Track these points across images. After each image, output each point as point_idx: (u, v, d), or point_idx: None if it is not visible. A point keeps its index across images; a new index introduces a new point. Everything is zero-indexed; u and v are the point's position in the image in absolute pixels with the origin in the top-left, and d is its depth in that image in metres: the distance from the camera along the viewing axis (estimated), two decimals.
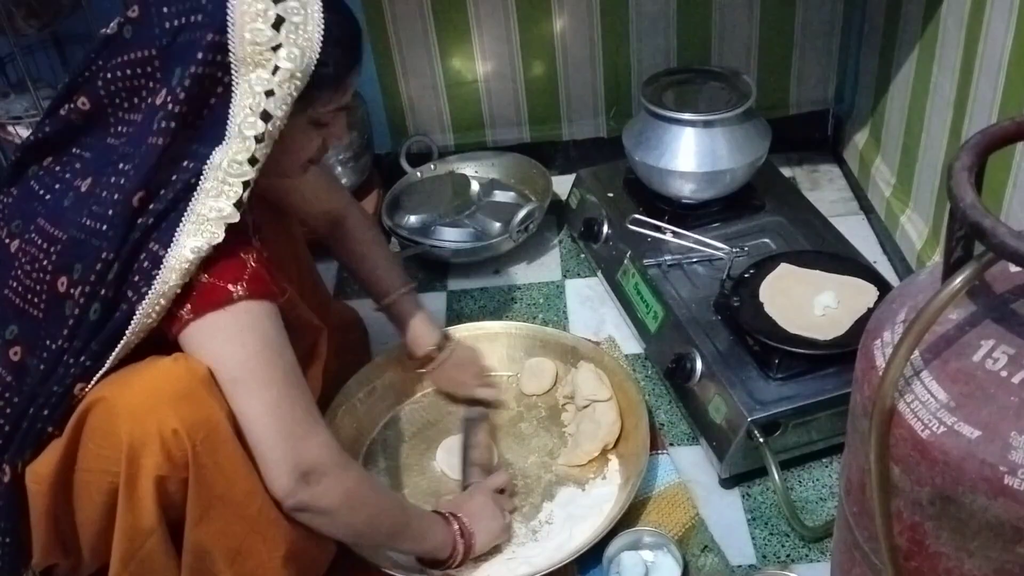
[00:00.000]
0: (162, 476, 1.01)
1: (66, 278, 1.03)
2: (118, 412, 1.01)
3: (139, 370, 1.04)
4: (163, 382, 1.02)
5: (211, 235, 1.01)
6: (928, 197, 1.63)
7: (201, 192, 1.01)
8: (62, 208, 1.04)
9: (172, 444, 1.00)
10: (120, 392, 1.02)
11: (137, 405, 1.01)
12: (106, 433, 1.02)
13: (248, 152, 1.01)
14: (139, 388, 1.02)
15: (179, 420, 1.00)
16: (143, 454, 1.00)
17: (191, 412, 1.01)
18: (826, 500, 1.35)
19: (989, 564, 0.76)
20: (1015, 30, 1.27)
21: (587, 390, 1.47)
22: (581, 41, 1.97)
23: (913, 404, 0.76)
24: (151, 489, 1.02)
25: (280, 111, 1.01)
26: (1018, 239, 0.67)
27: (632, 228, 1.68)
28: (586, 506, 1.35)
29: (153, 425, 1.00)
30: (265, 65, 0.98)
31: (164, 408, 1.00)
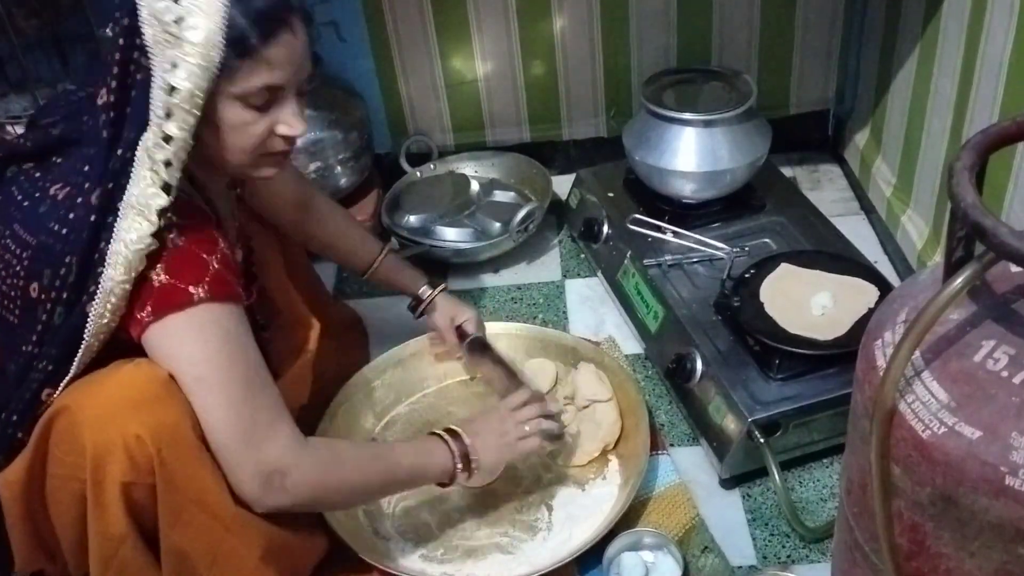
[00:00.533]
0: (128, 482, 1.01)
1: (37, 284, 1.03)
2: (81, 420, 1.01)
3: (101, 377, 1.04)
4: (124, 388, 1.02)
5: (147, 224, 0.99)
6: (929, 197, 1.63)
7: (132, 182, 0.99)
8: (37, 214, 1.04)
9: (136, 450, 1.00)
10: (82, 400, 1.02)
11: (99, 412, 1.00)
12: (70, 441, 1.02)
13: (161, 131, 0.98)
14: (101, 395, 1.02)
15: (141, 426, 1.00)
16: (107, 461, 1.00)
17: (153, 417, 1.01)
18: (827, 500, 1.35)
19: (990, 564, 0.76)
20: (1016, 30, 1.27)
21: (587, 391, 1.47)
22: (581, 41, 1.97)
23: (914, 404, 0.76)
24: (118, 496, 1.02)
25: (187, 82, 0.96)
26: (1019, 239, 0.67)
27: (632, 228, 1.68)
28: (586, 506, 1.35)
29: (116, 432, 1.00)
30: (171, 41, 0.96)
31: (126, 414, 1.00)
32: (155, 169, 0.99)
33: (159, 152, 0.98)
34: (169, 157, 0.99)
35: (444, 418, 1.53)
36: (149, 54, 0.97)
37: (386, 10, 1.92)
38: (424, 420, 1.53)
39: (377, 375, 1.55)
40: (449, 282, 1.85)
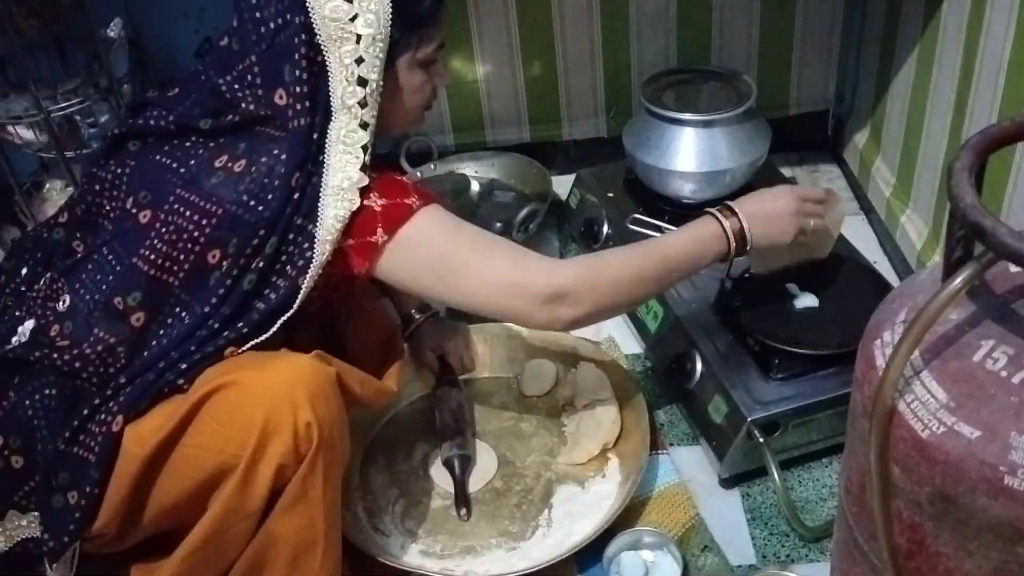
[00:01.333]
0: (283, 465, 1.05)
1: (219, 251, 1.08)
2: (255, 395, 1.04)
3: (273, 360, 1.08)
4: (300, 375, 1.06)
5: (349, 203, 1.08)
6: (928, 197, 1.63)
7: (329, 167, 1.09)
8: (210, 184, 1.08)
9: (303, 437, 1.04)
10: (256, 377, 1.05)
11: (276, 392, 1.04)
12: (233, 413, 1.05)
13: (357, 119, 1.09)
14: (276, 377, 1.05)
15: (313, 414, 1.04)
16: (273, 441, 1.03)
17: (324, 410, 1.05)
18: (826, 500, 1.35)
19: (989, 564, 0.76)
20: (1015, 30, 1.27)
21: (587, 390, 1.47)
22: (581, 41, 1.97)
23: (913, 404, 0.76)
24: (270, 474, 1.05)
25: (374, 74, 1.08)
26: (1018, 239, 0.67)
27: (632, 228, 1.68)
28: (585, 503, 1.35)
29: (291, 414, 1.03)
30: (348, 37, 1.06)
31: (302, 400, 1.04)
32: (354, 153, 1.10)
33: (356, 137, 1.10)
34: (367, 141, 1.10)
35: None
36: (324, 51, 1.07)
37: None
38: (425, 420, 1.53)
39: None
40: None
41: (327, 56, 1.06)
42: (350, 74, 1.07)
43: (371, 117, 1.10)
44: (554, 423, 1.50)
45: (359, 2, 1.05)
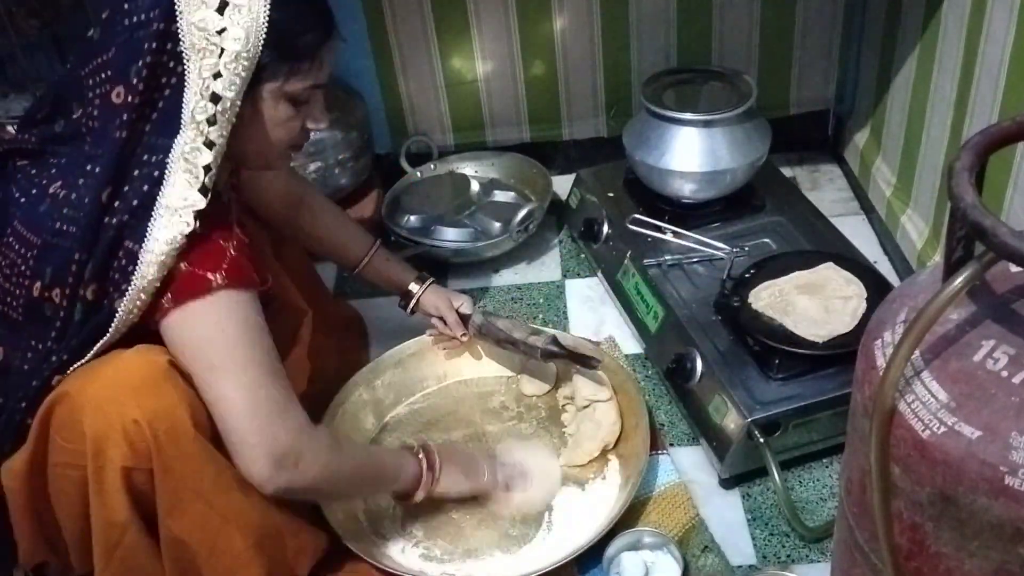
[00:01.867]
0: (128, 467, 1.02)
1: (40, 283, 1.04)
2: (81, 405, 1.02)
3: (101, 363, 1.05)
4: (123, 373, 1.03)
5: (183, 225, 1.01)
6: (929, 197, 1.63)
7: (167, 184, 1.01)
8: (38, 213, 1.05)
9: (134, 435, 1.01)
10: (82, 385, 1.03)
11: (98, 397, 1.02)
12: (71, 427, 1.03)
13: (203, 136, 1.01)
14: (100, 380, 1.03)
15: (140, 410, 1.01)
16: (107, 446, 1.01)
17: (152, 402, 1.02)
18: (826, 500, 1.35)
19: (989, 564, 0.76)
20: (1016, 30, 1.27)
21: (587, 391, 1.47)
22: (581, 41, 1.97)
23: (913, 404, 0.76)
24: (119, 481, 1.03)
25: (231, 92, 1.01)
26: (1019, 239, 0.67)
27: (632, 228, 1.68)
28: (586, 506, 1.35)
29: (115, 416, 1.01)
30: (212, 50, 0.99)
31: (125, 399, 1.01)
32: (194, 173, 1.02)
33: (199, 156, 1.01)
34: (209, 162, 1.02)
35: (444, 418, 1.53)
36: (185, 61, 0.99)
37: (386, 10, 1.92)
38: (424, 420, 1.53)
39: (377, 375, 1.55)
40: (449, 282, 1.85)
41: (187, 65, 0.99)
42: (205, 88, 1.00)
43: (219, 137, 1.02)
44: (554, 424, 1.50)
45: (230, 15, 0.99)
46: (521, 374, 1.58)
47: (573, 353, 1.44)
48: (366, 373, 1.53)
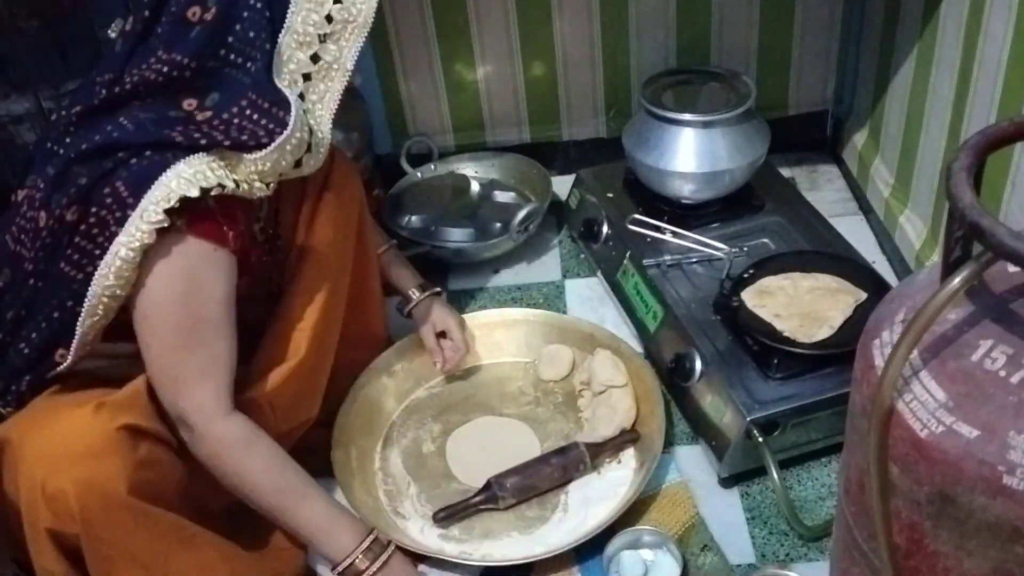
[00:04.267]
0: (53, 529, 1.02)
1: (45, 212, 1.06)
2: (18, 460, 1.02)
3: (54, 414, 1.05)
4: (67, 437, 1.02)
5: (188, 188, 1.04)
6: (927, 197, 1.63)
7: None
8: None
9: (59, 503, 1.00)
10: (25, 439, 1.03)
11: (32, 459, 1.01)
12: (10, 475, 1.03)
13: None
14: (43, 438, 1.02)
15: (70, 480, 1.00)
16: (35, 507, 1.01)
17: (87, 472, 1.01)
18: (825, 499, 1.35)
19: (987, 563, 0.76)
20: (1014, 31, 1.27)
21: (603, 376, 1.49)
22: (581, 42, 1.97)
23: (912, 404, 0.76)
24: (47, 539, 1.02)
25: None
26: (1016, 239, 0.67)
27: (632, 228, 1.68)
28: (601, 489, 1.37)
29: (43, 481, 1.00)
30: None
31: (59, 465, 1.00)
32: None
33: None
34: None
35: (462, 402, 1.56)
36: None
37: (386, 11, 1.92)
38: (443, 404, 1.55)
39: (397, 360, 1.57)
40: (450, 282, 1.85)
41: None
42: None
43: None
44: (571, 409, 1.52)
45: None
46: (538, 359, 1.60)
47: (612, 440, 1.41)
48: (387, 358, 1.55)
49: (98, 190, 1.03)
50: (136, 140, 1.04)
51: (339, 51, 1.12)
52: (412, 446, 1.49)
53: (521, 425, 1.50)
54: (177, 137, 1.05)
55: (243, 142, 1.07)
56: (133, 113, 1.07)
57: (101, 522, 1.02)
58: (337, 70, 1.13)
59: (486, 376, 1.61)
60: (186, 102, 1.08)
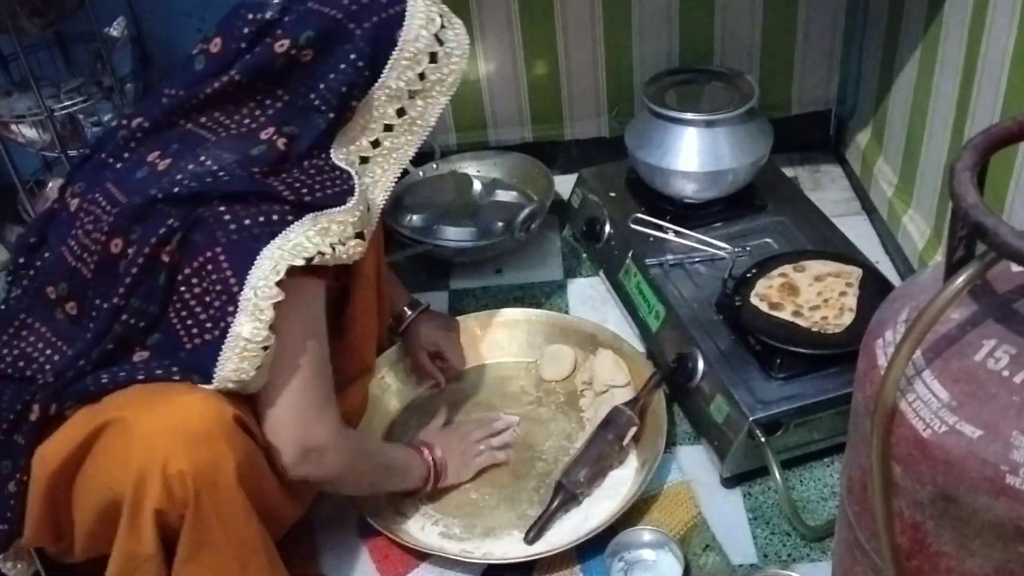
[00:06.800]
0: (161, 510, 1.02)
1: (121, 240, 1.06)
2: (133, 438, 1.01)
3: (166, 396, 1.05)
4: (184, 417, 1.03)
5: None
6: (930, 197, 1.63)
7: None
8: (134, 178, 1.07)
9: (175, 484, 1.01)
10: (140, 417, 1.02)
11: (152, 435, 1.01)
12: (117, 454, 1.02)
13: None
14: (159, 418, 1.02)
15: (188, 462, 1.01)
16: (148, 486, 1.01)
17: (203, 456, 1.02)
18: (827, 499, 1.35)
19: (990, 563, 0.76)
20: (1017, 30, 1.27)
21: (605, 376, 1.49)
22: (583, 41, 1.97)
23: (915, 403, 0.76)
24: (151, 519, 1.03)
25: None
26: (1020, 239, 0.67)
27: (634, 228, 1.68)
28: (603, 489, 1.37)
29: (162, 460, 1.00)
30: None
31: (177, 446, 1.01)
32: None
33: None
34: None
35: (464, 401, 1.56)
36: None
37: None
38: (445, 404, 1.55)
39: (401, 358, 1.57)
40: (451, 282, 1.85)
41: None
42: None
43: None
44: (572, 408, 1.53)
45: None
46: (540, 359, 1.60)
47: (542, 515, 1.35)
48: (390, 355, 1.56)
49: (194, 246, 1.04)
50: (231, 189, 1.05)
51: (425, 107, 1.19)
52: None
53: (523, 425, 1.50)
54: (274, 187, 1.07)
55: (328, 198, 1.10)
56: (211, 148, 1.08)
57: (208, 505, 1.03)
58: (420, 125, 1.20)
59: (488, 376, 1.61)
60: (264, 132, 1.10)
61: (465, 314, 1.67)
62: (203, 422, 1.03)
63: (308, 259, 1.05)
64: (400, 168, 1.19)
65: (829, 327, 1.37)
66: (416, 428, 1.51)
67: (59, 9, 1.67)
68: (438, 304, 1.77)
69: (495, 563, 1.28)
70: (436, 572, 1.29)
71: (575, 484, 1.34)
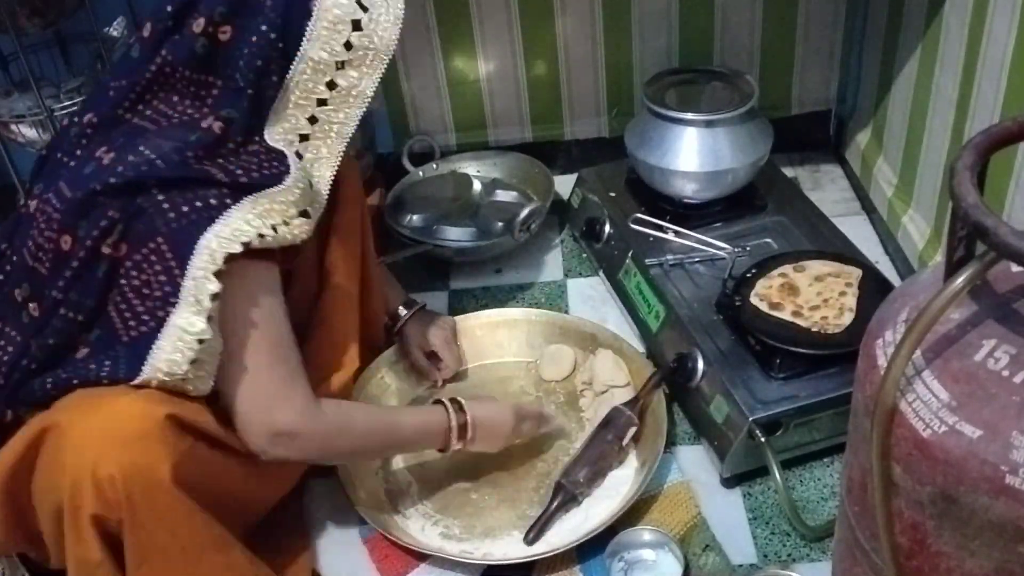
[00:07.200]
0: (98, 515, 1.02)
1: (70, 236, 1.05)
2: (65, 444, 1.01)
3: (100, 400, 1.04)
4: (116, 421, 1.02)
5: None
6: (930, 197, 1.63)
7: None
8: (83, 174, 1.06)
9: (107, 488, 1.00)
10: (73, 422, 1.02)
11: (83, 441, 1.01)
12: (54, 460, 1.02)
13: None
14: (90, 422, 1.02)
15: (118, 465, 1.00)
16: (82, 491, 1.01)
17: (134, 458, 1.01)
18: (827, 499, 1.35)
19: (990, 563, 0.76)
20: (1017, 30, 1.27)
21: (605, 376, 1.49)
22: (583, 41, 1.97)
23: (915, 403, 0.76)
24: (91, 526, 1.02)
25: None
26: (1020, 239, 0.67)
27: (634, 228, 1.68)
28: (603, 489, 1.37)
29: (92, 465, 1.00)
30: None
31: (107, 449, 1.00)
32: None
33: None
34: None
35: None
36: None
37: None
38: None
39: (399, 358, 1.57)
40: (451, 281, 1.85)
41: None
42: None
43: None
44: (572, 409, 1.52)
45: None
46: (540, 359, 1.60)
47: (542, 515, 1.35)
48: (389, 355, 1.56)
49: (136, 236, 1.03)
50: (165, 175, 1.04)
51: (359, 77, 1.14)
52: None
53: None
54: (208, 172, 1.06)
55: (264, 178, 1.08)
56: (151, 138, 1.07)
57: (144, 508, 1.02)
58: (356, 97, 1.15)
59: (488, 376, 1.61)
60: (204, 121, 1.09)
61: (465, 314, 1.67)
62: (134, 424, 1.02)
63: (246, 244, 1.04)
64: (343, 142, 1.16)
65: (829, 327, 1.37)
66: None
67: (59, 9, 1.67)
68: (438, 304, 1.78)
69: (495, 563, 1.28)
70: (436, 572, 1.29)
71: (575, 484, 1.34)
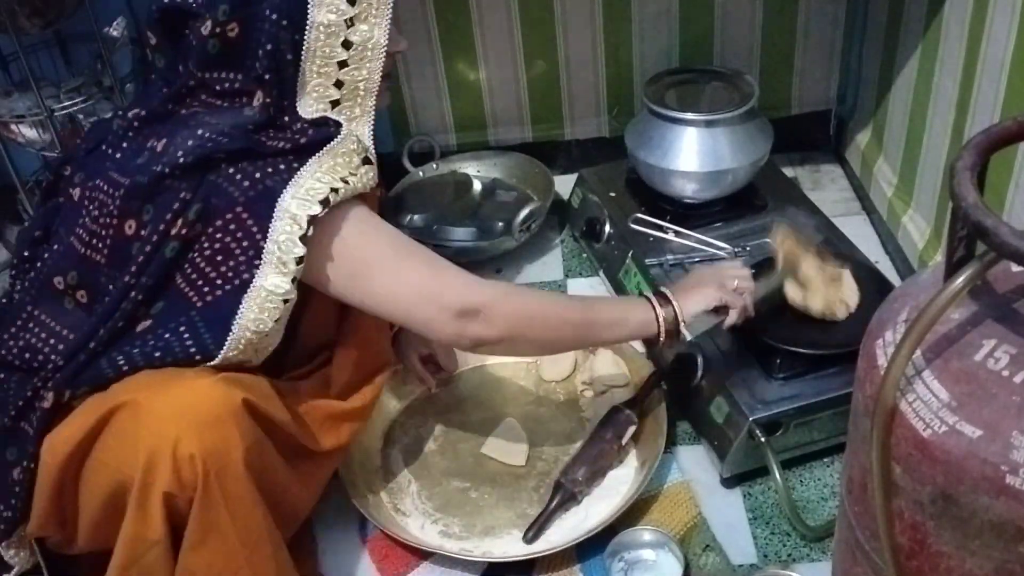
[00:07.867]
0: (170, 493, 1.02)
1: (134, 221, 1.06)
2: (143, 420, 1.02)
3: (177, 380, 1.05)
4: (195, 401, 1.03)
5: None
6: (930, 197, 1.63)
7: None
8: (135, 164, 1.07)
9: (185, 467, 1.01)
10: (152, 399, 1.03)
11: (163, 419, 1.02)
12: (128, 436, 1.03)
13: None
14: (170, 401, 1.03)
15: (198, 445, 1.01)
16: (158, 468, 1.01)
17: (213, 440, 1.02)
18: (827, 499, 1.35)
19: (990, 563, 0.76)
20: (1018, 30, 1.27)
21: (605, 376, 1.50)
22: (583, 40, 1.97)
23: (915, 403, 0.76)
24: (160, 503, 1.03)
25: None
26: (1020, 239, 0.67)
27: (634, 227, 1.68)
28: (603, 488, 1.37)
29: (172, 443, 1.01)
30: None
31: (187, 429, 1.01)
32: None
33: None
34: None
35: (464, 402, 1.56)
36: None
37: None
38: (445, 404, 1.56)
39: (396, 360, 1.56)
40: None
41: None
42: None
43: None
44: (572, 408, 1.53)
45: None
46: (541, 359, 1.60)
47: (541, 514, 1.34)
48: None
49: (213, 212, 1.04)
50: (232, 147, 1.05)
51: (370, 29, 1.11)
52: (413, 445, 1.49)
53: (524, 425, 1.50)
54: (268, 143, 1.07)
55: (320, 136, 1.09)
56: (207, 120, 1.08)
57: (216, 490, 1.03)
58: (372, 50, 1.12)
59: (488, 376, 1.61)
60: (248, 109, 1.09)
61: None
62: (213, 405, 1.03)
63: (323, 202, 1.05)
64: (373, 97, 1.15)
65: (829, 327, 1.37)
66: (415, 428, 1.51)
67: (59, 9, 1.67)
68: None
69: (495, 562, 1.28)
70: (436, 571, 1.29)
71: (574, 483, 1.34)
